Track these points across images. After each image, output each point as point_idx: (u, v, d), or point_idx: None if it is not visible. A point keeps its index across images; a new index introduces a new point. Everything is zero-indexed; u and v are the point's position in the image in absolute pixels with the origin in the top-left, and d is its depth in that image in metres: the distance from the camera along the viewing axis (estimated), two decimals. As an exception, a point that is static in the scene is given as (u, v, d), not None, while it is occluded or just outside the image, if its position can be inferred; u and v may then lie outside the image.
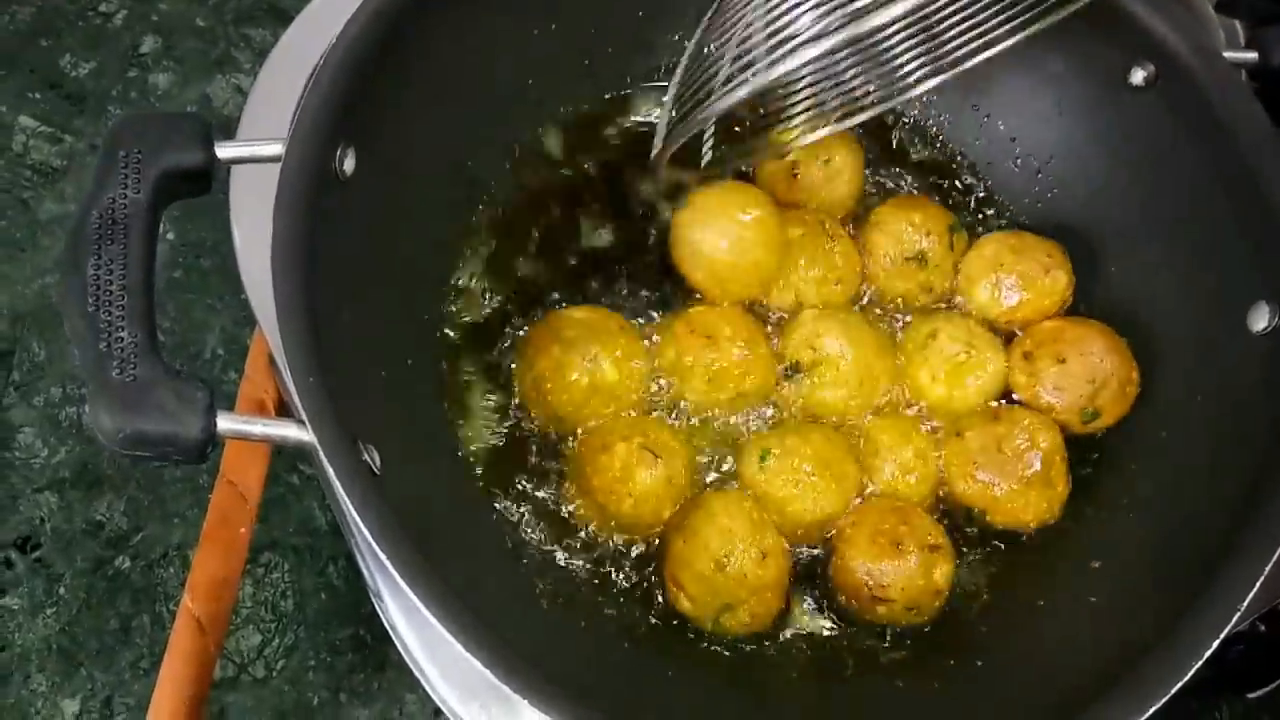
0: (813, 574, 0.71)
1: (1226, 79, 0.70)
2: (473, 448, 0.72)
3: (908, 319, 0.78)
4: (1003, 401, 0.75)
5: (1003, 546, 0.72)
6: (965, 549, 0.72)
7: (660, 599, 0.69)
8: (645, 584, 0.69)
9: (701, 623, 0.67)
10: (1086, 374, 0.72)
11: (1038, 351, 0.74)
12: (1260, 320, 0.66)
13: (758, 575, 0.66)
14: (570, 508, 0.70)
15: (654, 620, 0.69)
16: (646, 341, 0.75)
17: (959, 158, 0.84)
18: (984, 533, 0.72)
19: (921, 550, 0.67)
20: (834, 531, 0.70)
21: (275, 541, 0.82)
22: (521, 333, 0.75)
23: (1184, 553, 0.62)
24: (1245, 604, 0.56)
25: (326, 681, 0.79)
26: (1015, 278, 0.76)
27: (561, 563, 0.69)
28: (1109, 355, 0.73)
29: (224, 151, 0.58)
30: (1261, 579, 0.56)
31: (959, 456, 0.72)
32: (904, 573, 0.67)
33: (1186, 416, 0.70)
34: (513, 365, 0.74)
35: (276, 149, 0.59)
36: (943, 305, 0.79)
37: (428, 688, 0.66)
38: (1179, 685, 0.54)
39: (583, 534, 0.70)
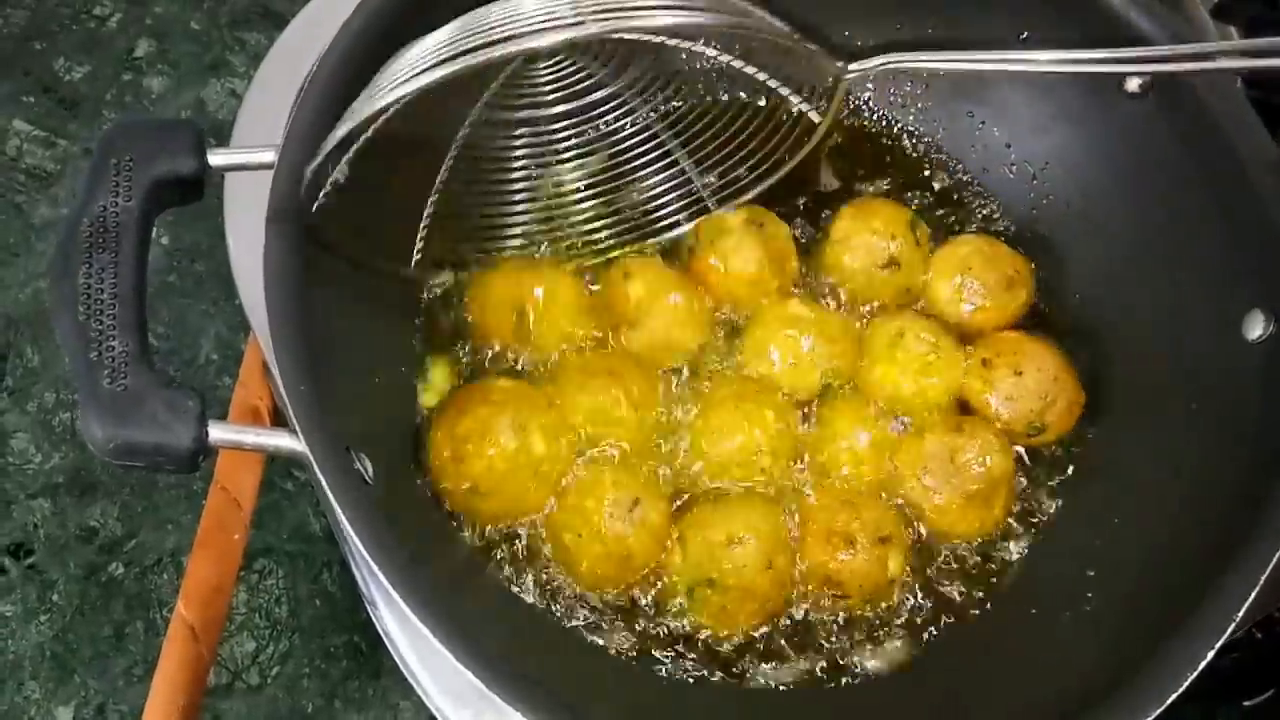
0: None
1: (1221, 85, 0.70)
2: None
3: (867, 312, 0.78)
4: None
5: (996, 554, 0.72)
6: (960, 556, 0.72)
7: (655, 611, 0.69)
8: (642, 595, 0.69)
9: (677, 588, 0.67)
10: (1040, 389, 0.73)
11: (996, 360, 0.75)
12: (1255, 328, 0.66)
13: (753, 575, 0.66)
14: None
15: (650, 632, 0.68)
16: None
17: (955, 164, 0.84)
18: (979, 540, 0.72)
19: (874, 544, 0.68)
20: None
21: (269, 548, 0.82)
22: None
23: (1180, 562, 0.62)
24: (1241, 614, 0.55)
25: (321, 689, 0.78)
26: (979, 285, 0.77)
27: (556, 572, 0.69)
28: (1062, 374, 0.74)
29: (216, 159, 0.58)
30: (1257, 589, 0.56)
31: (911, 455, 0.72)
32: (860, 569, 0.68)
33: (1180, 424, 0.70)
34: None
35: (269, 156, 0.59)
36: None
37: (422, 695, 0.66)
38: (1175, 696, 0.54)
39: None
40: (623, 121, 0.78)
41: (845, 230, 0.79)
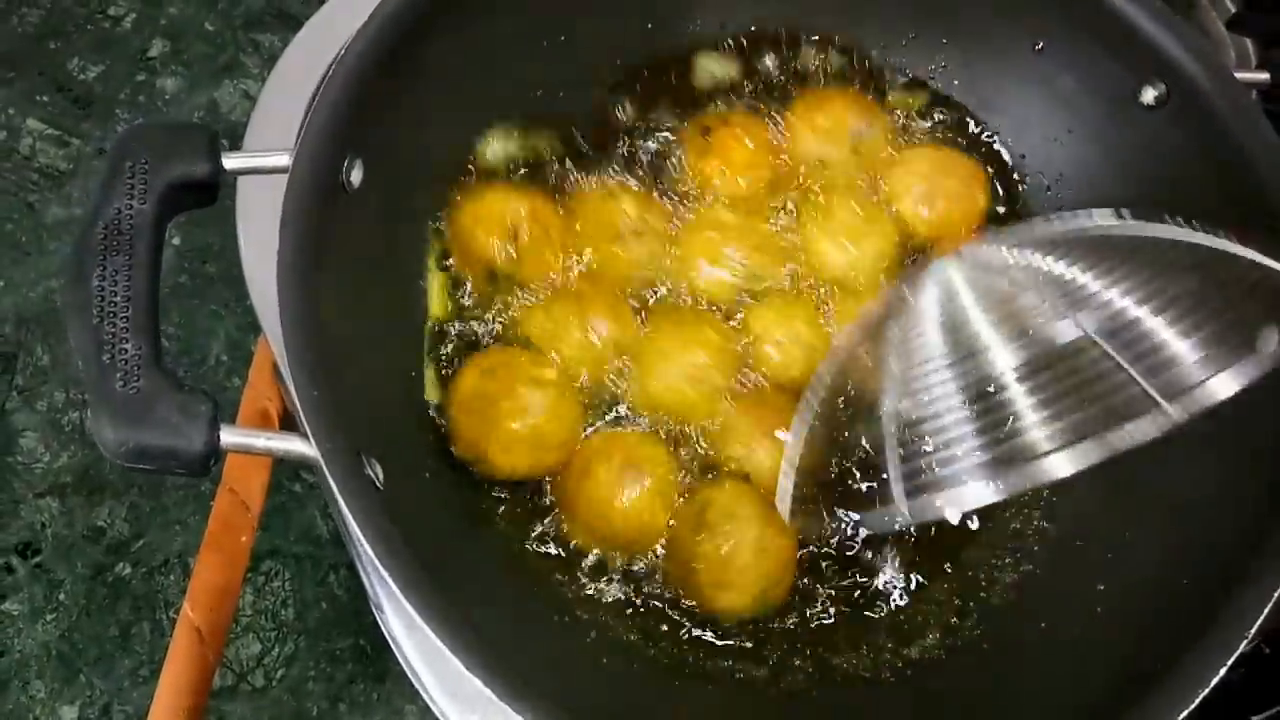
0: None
1: (1238, 99, 0.69)
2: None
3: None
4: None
5: (1007, 563, 0.72)
6: (968, 565, 0.72)
7: (664, 620, 0.69)
8: (652, 601, 0.69)
9: (745, 609, 0.68)
10: None
11: None
12: (1269, 346, 0.65)
13: (785, 545, 0.67)
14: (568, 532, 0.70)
15: (661, 639, 0.68)
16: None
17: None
18: (988, 550, 0.72)
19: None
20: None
21: (276, 550, 0.82)
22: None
23: (1191, 577, 0.62)
24: (1253, 630, 0.55)
25: (326, 691, 0.78)
26: (937, 191, 0.78)
27: (565, 579, 0.69)
28: None
29: (230, 162, 0.58)
30: (1270, 604, 0.55)
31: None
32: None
33: (1194, 438, 0.69)
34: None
35: (284, 160, 0.59)
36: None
37: (427, 700, 0.66)
38: (1185, 712, 0.54)
39: (583, 552, 0.70)
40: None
41: (795, 113, 0.81)
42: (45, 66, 0.99)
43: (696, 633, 0.69)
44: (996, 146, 0.83)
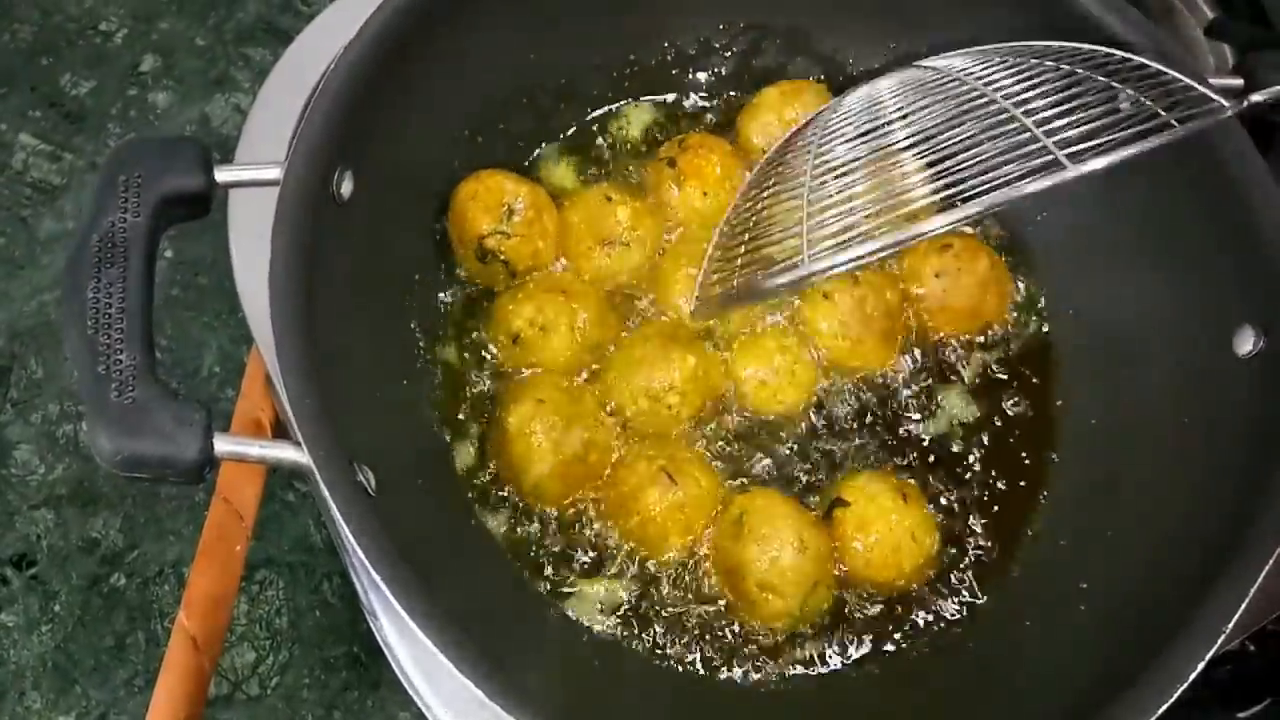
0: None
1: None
2: (468, 467, 0.72)
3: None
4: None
5: (995, 563, 0.73)
6: (958, 566, 0.73)
7: (659, 624, 0.70)
8: (643, 606, 0.70)
9: (790, 615, 0.69)
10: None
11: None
12: (1245, 344, 0.66)
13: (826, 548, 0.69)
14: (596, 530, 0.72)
15: (649, 641, 0.69)
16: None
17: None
18: (977, 551, 0.73)
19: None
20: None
21: (270, 559, 0.83)
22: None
23: (1170, 576, 0.63)
24: (1229, 629, 0.56)
25: (320, 699, 0.79)
26: None
27: (559, 582, 0.70)
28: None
29: (223, 175, 0.59)
30: (1245, 603, 0.56)
31: (828, 317, 0.77)
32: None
33: (1172, 439, 0.70)
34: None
35: (275, 173, 0.59)
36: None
37: (421, 706, 0.66)
38: (1163, 708, 0.55)
39: (578, 556, 0.71)
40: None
41: (763, 101, 0.83)
42: (37, 82, 0.99)
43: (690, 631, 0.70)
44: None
